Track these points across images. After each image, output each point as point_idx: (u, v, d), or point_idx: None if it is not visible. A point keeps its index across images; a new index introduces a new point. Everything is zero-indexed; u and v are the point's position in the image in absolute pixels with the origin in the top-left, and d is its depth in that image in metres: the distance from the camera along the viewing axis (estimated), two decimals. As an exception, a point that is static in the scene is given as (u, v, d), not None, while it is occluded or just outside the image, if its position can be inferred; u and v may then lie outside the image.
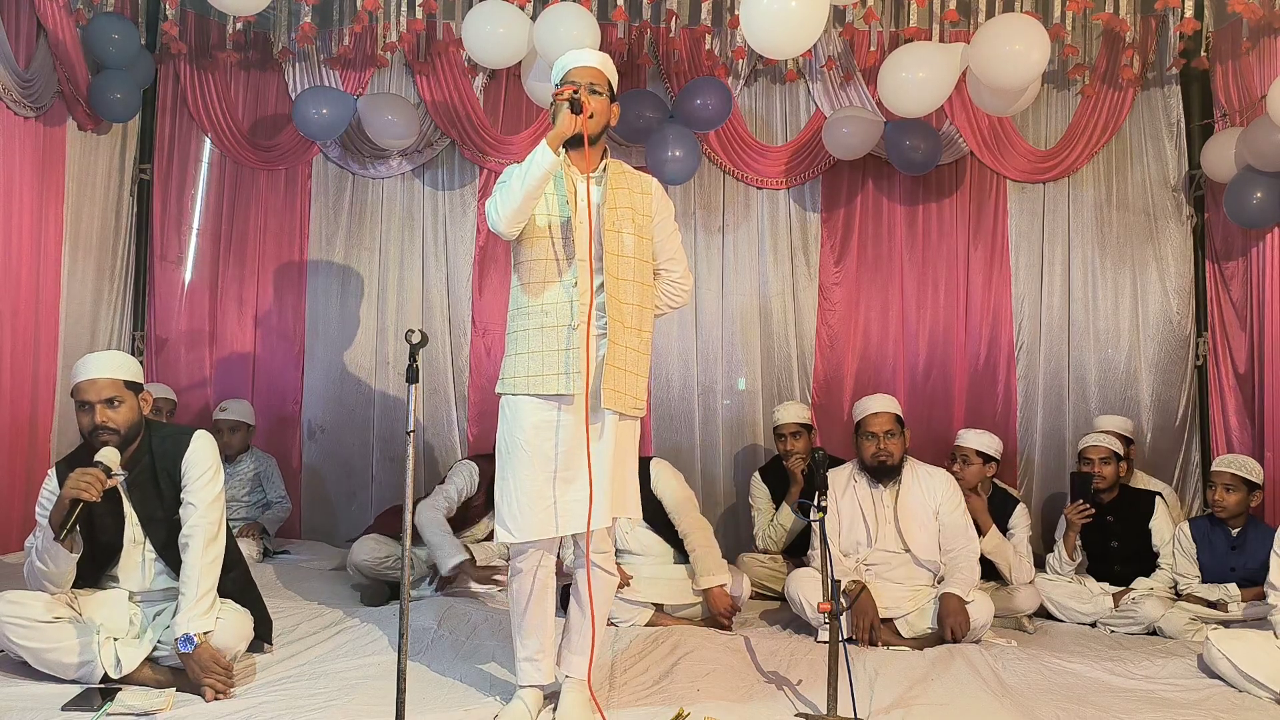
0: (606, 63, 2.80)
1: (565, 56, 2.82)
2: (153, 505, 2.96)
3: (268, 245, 5.47)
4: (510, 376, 2.75)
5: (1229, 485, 4.02)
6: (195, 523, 2.90)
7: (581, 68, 2.76)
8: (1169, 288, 5.25)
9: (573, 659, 2.82)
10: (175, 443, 2.98)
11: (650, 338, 2.85)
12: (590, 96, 2.69)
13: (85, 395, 2.88)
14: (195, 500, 2.93)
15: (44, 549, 2.83)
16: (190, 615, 2.81)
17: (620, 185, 2.80)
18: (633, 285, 2.77)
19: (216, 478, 2.99)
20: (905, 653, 3.53)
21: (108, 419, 2.86)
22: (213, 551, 2.91)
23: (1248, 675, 3.10)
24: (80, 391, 2.89)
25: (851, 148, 5.07)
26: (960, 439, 4.35)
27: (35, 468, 4.74)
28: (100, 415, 2.86)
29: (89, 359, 2.95)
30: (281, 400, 5.45)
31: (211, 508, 2.94)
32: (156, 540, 2.98)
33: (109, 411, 2.87)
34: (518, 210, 2.65)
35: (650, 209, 2.84)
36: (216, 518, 2.95)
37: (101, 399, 2.87)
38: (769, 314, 5.41)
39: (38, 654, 2.83)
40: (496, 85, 5.37)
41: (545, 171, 2.60)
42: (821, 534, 3.03)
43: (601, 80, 2.75)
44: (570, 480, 2.70)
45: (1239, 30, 4.72)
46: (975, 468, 4.22)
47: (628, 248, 2.76)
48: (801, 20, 3.98)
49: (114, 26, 4.83)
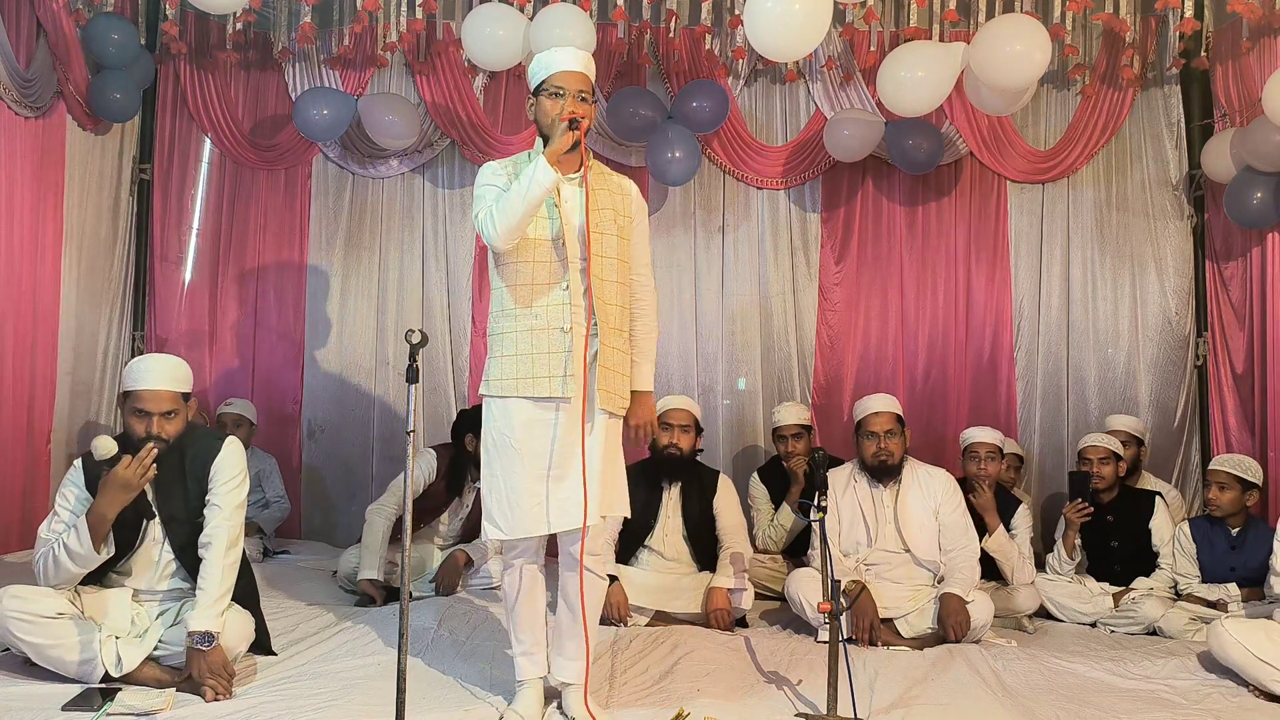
0: (589, 64, 2.78)
1: (548, 56, 2.76)
2: (177, 505, 2.97)
3: (268, 245, 5.47)
4: (497, 378, 2.73)
5: (1223, 484, 4.02)
6: (219, 524, 2.93)
7: (569, 73, 2.72)
8: (1169, 288, 5.25)
9: (567, 665, 2.80)
10: (207, 446, 3.01)
11: (628, 337, 2.86)
12: (579, 105, 2.68)
13: (145, 404, 2.89)
14: (221, 503, 2.96)
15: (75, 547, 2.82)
16: (208, 614, 2.83)
17: (601, 187, 2.80)
18: (616, 286, 2.78)
19: (244, 484, 3.03)
20: (905, 653, 3.53)
21: (162, 429, 2.90)
22: (233, 555, 2.94)
23: (1263, 660, 3.08)
24: (140, 399, 2.90)
25: (852, 149, 5.08)
26: (969, 437, 4.29)
27: (35, 468, 4.74)
28: (157, 426, 2.89)
29: (150, 365, 2.95)
30: (281, 400, 5.45)
31: (236, 512, 2.98)
32: (176, 541, 2.99)
33: (165, 424, 2.91)
34: (517, 226, 2.64)
35: (630, 210, 2.85)
36: (239, 523, 2.99)
37: (161, 411, 2.90)
38: (769, 314, 5.42)
39: (40, 650, 2.83)
40: (496, 85, 5.37)
41: (546, 190, 2.59)
42: (821, 534, 3.03)
43: (588, 85, 2.75)
44: (561, 478, 2.69)
45: (1239, 30, 4.72)
46: (996, 463, 4.20)
47: (610, 249, 2.77)
48: (804, 23, 3.99)
49: (114, 26, 4.83)
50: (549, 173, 2.57)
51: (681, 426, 4.09)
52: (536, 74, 2.76)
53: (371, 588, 3.98)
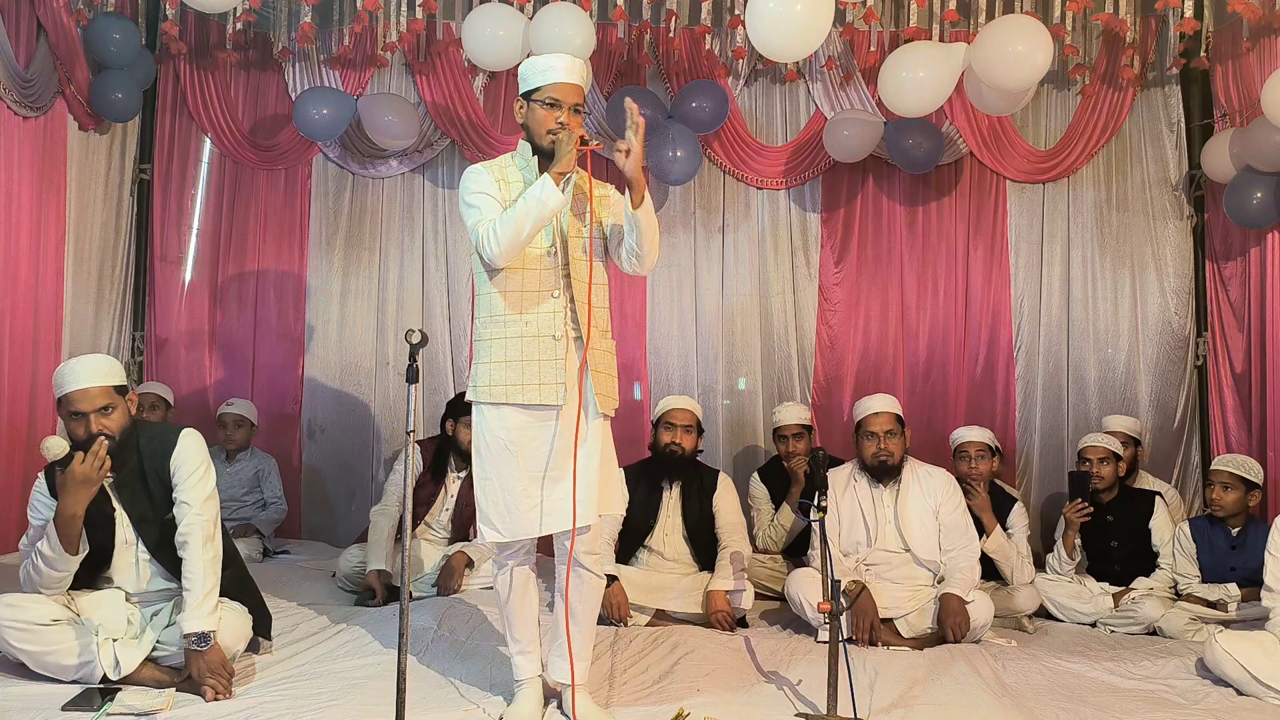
0: (586, 75, 2.77)
1: (543, 62, 2.74)
2: (143, 505, 2.94)
3: (268, 245, 5.47)
4: (487, 385, 2.71)
5: (1227, 484, 4.02)
6: (191, 521, 2.90)
7: (565, 85, 2.70)
8: (1168, 288, 5.26)
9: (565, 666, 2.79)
10: (162, 442, 2.96)
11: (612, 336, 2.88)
12: (574, 118, 2.68)
13: (78, 405, 2.83)
14: (188, 499, 2.92)
15: (48, 552, 2.82)
16: (198, 614, 2.82)
17: (584, 192, 2.80)
18: (601, 288, 2.80)
19: (208, 475, 2.97)
20: (905, 653, 3.53)
21: (103, 426, 2.84)
22: (211, 549, 2.91)
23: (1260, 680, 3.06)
24: (71, 402, 2.83)
25: (852, 149, 5.08)
26: (959, 437, 4.36)
27: (35, 468, 4.72)
28: (95, 424, 2.83)
29: (74, 368, 2.88)
30: (281, 400, 5.45)
31: (206, 505, 2.92)
32: (149, 541, 2.96)
33: (104, 419, 2.84)
34: (522, 245, 2.63)
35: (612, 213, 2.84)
36: (211, 515, 2.94)
37: (95, 408, 2.84)
38: (769, 314, 5.42)
39: (37, 657, 2.83)
40: (496, 85, 5.37)
41: (554, 212, 2.59)
42: (821, 534, 3.04)
43: (583, 97, 2.75)
44: (556, 480, 2.70)
45: (1239, 30, 4.72)
46: (987, 461, 4.23)
47: (600, 256, 2.80)
48: (805, 24, 3.99)
49: (114, 26, 4.83)
50: (557, 196, 2.56)
51: (684, 426, 4.11)
52: (530, 79, 2.74)
53: (377, 579, 4.00)
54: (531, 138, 2.76)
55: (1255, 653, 3.12)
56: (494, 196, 2.70)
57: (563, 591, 2.78)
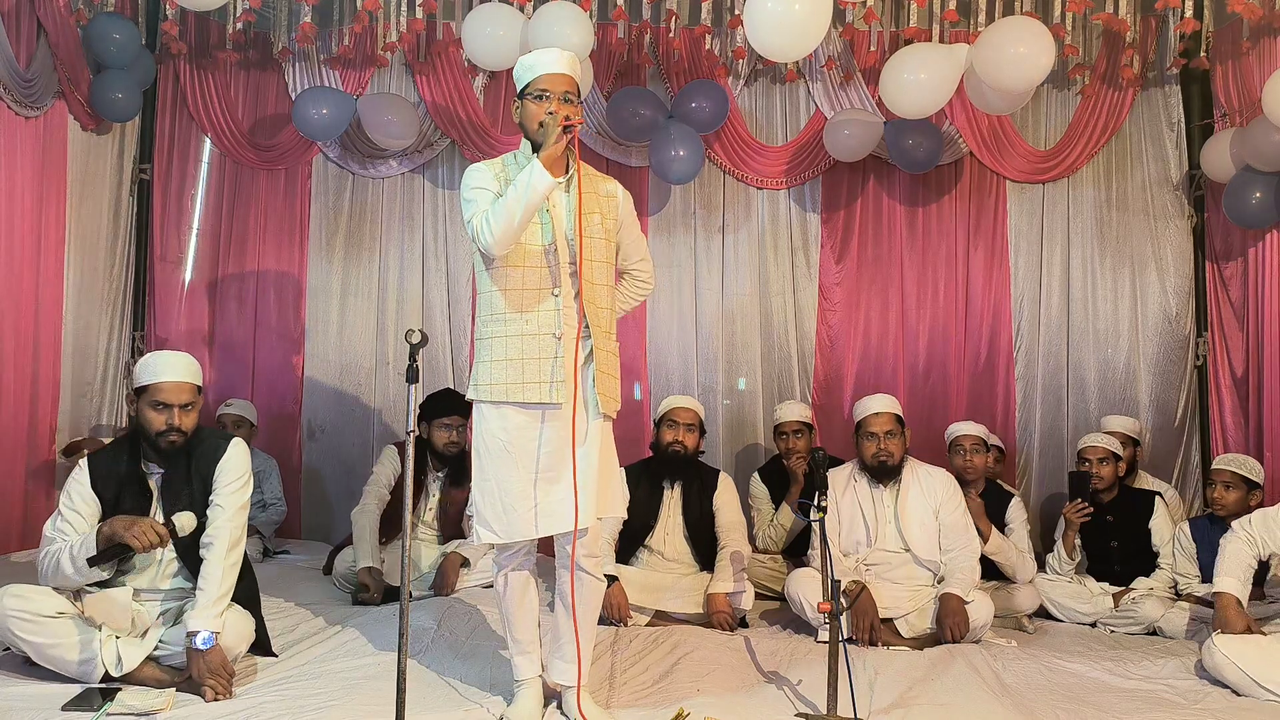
0: (575, 65, 2.75)
1: (531, 59, 2.73)
2: (182, 505, 2.97)
3: (268, 245, 5.47)
4: (487, 383, 2.70)
5: (1228, 483, 4.03)
6: (221, 525, 2.95)
7: (553, 75, 2.69)
8: (1168, 288, 5.26)
9: (564, 667, 2.79)
10: (213, 447, 3.04)
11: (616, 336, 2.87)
12: (565, 107, 2.66)
13: (166, 396, 2.93)
14: (224, 504, 2.98)
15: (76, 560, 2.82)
16: (207, 614, 2.84)
17: (590, 190, 2.77)
18: (605, 289, 2.78)
19: (247, 486, 3.05)
20: (905, 653, 3.53)
21: (182, 422, 2.95)
22: (234, 556, 2.96)
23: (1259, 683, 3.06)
24: (161, 391, 2.94)
25: (852, 149, 5.08)
26: (954, 431, 4.36)
27: (37, 467, 4.74)
28: (178, 418, 2.94)
29: (168, 359, 3.00)
30: (281, 400, 5.45)
31: (239, 513, 3.00)
32: (179, 541, 2.98)
33: (185, 416, 2.95)
34: (515, 232, 2.61)
35: (617, 213, 2.84)
36: (241, 523, 3.01)
37: (181, 403, 2.95)
38: (769, 314, 5.42)
39: (40, 649, 2.84)
40: (496, 85, 5.37)
41: (543, 195, 2.57)
42: (821, 534, 3.03)
43: (574, 86, 2.73)
44: (554, 481, 2.69)
45: (1239, 30, 4.72)
46: (982, 455, 4.24)
47: (600, 253, 2.76)
48: (804, 24, 3.99)
49: (114, 26, 4.83)
50: (545, 178, 2.54)
51: (687, 425, 4.12)
52: (521, 77, 2.74)
53: (369, 576, 4.01)
54: (527, 134, 2.75)
55: (1252, 654, 3.13)
56: (492, 191, 2.69)
57: (563, 595, 2.77)
